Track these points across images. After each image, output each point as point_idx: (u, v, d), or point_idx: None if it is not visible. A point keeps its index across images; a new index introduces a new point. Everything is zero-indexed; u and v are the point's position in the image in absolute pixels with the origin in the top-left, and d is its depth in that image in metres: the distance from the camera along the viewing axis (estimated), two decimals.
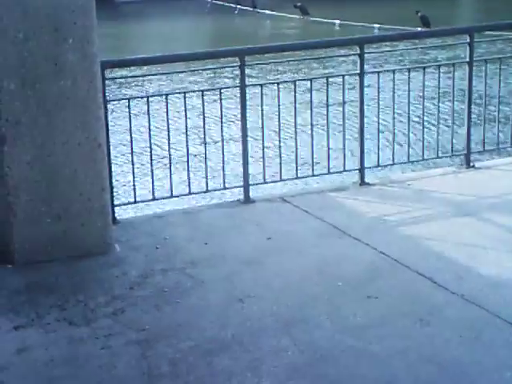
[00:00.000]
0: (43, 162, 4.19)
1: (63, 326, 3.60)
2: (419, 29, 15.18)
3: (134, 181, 5.10)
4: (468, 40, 5.57)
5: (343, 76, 5.63)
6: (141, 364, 3.27)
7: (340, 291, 3.85)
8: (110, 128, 4.74)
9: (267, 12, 20.84)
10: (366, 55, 5.32)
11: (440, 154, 5.95)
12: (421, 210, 4.93)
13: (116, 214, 4.82)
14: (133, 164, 5.10)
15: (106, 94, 4.66)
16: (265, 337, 3.44)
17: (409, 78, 5.59)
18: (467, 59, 5.59)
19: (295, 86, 5.47)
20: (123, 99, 5.75)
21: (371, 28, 17.44)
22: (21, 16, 4.03)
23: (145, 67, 6.05)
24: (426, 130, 5.83)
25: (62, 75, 4.14)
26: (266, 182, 5.51)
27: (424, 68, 5.86)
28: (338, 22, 18.82)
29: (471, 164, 5.73)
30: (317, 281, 3.98)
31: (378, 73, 5.71)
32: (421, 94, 5.72)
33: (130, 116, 5.03)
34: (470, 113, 5.68)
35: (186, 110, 5.09)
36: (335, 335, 3.44)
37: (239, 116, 5.15)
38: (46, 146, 4.18)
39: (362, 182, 5.44)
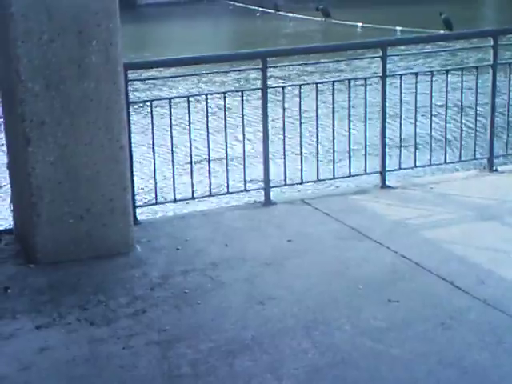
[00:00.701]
0: (66, 163, 4.23)
1: (84, 326, 3.62)
2: (442, 31, 15.10)
3: (155, 182, 5.13)
4: (492, 43, 5.54)
5: (365, 79, 5.63)
6: (161, 364, 3.28)
7: (361, 294, 3.84)
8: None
9: (289, 15, 20.84)
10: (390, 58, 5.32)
11: (462, 158, 5.92)
12: (442, 214, 4.90)
13: (137, 215, 4.86)
14: (154, 165, 5.12)
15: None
16: (285, 338, 3.44)
17: (431, 80, 5.56)
18: (491, 62, 5.56)
19: (317, 88, 5.47)
20: (146, 101, 5.77)
21: (393, 30, 17.38)
22: (45, 18, 4.07)
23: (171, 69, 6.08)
24: (448, 133, 5.79)
25: (86, 77, 4.17)
26: (286, 185, 5.52)
27: (447, 71, 5.83)
28: (360, 24, 18.79)
29: (494, 168, 5.69)
30: (337, 283, 3.97)
31: (401, 75, 5.69)
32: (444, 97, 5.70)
33: (151, 118, 5.06)
34: (493, 116, 5.65)
35: (207, 112, 5.11)
36: (356, 338, 3.43)
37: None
38: (69, 147, 4.22)
39: (384, 185, 5.43)
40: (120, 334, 3.54)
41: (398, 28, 17.55)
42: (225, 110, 5.17)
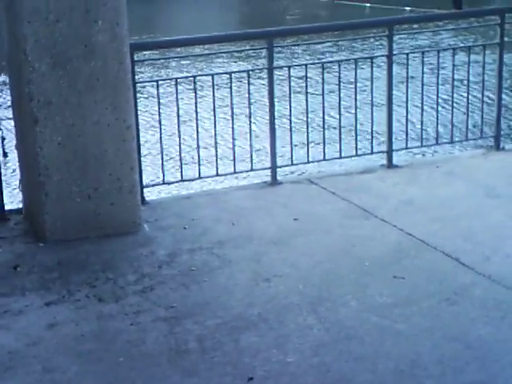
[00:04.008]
0: (74, 143, 4.26)
1: (93, 303, 3.67)
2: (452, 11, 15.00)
3: (162, 162, 5.15)
4: (499, 21, 5.52)
5: (371, 58, 5.63)
6: (169, 340, 3.32)
7: (366, 271, 3.87)
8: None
9: None
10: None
11: (469, 137, 5.91)
12: (449, 192, 4.91)
13: (144, 195, 4.89)
14: (161, 146, 5.15)
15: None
16: (291, 315, 3.48)
17: (438, 58, 5.55)
18: (498, 40, 5.55)
19: (323, 68, 5.48)
20: (152, 81, 5.78)
21: (402, 11, 17.30)
22: None
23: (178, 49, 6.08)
24: (454, 112, 5.79)
25: (93, 56, 4.19)
26: (293, 164, 5.54)
27: (454, 49, 5.82)
28: (368, 5, 18.71)
29: (501, 146, 5.69)
30: (343, 261, 4.00)
31: (407, 54, 5.68)
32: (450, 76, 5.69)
33: (158, 98, 5.07)
34: (500, 95, 5.64)
35: (213, 91, 5.12)
36: (361, 314, 3.46)
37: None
38: (76, 127, 4.25)
39: (390, 165, 5.44)
40: (128, 310, 3.58)
41: (407, 8, 17.46)
42: (231, 90, 5.18)
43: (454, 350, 3.16)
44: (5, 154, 7.55)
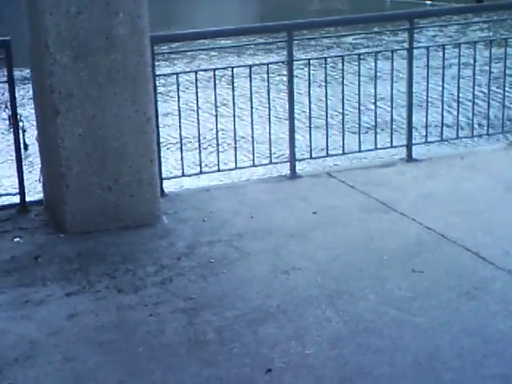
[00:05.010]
0: (94, 135, 4.29)
1: (113, 294, 3.69)
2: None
3: (181, 155, 5.17)
4: None
5: (392, 51, 5.60)
6: (187, 331, 3.34)
7: (385, 265, 3.86)
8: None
9: None
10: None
11: (490, 131, 5.87)
12: (469, 186, 4.88)
13: (164, 187, 4.91)
14: (181, 138, 5.17)
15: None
16: (309, 307, 3.48)
17: (459, 52, 5.52)
18: None
19: (343, 61, 5.46)
20: (172, 74, 5.79)
21: (423, 4, 17.20)
22: None
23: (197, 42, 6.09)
24: (475, 105, 5.75)
25: (113, 49, 4.21)
26: (312, 158, 5.54)
27: (475, 43, 5.77)
28: None
29: None
30: (362, 254, 3.99)
31: (428, 48, 5.65)
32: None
33: (178, 90, 5.09)
34: None
35: (233, 84, 5.13)
36: (379, 307, 3.46)
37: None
38: (97, 119, 4.27)
39: (410, 158, 5.42)
40: (147, 301, 3.60)
41: (428, 2, 17.35)
42: (250, 83, 5.18)
43: (473, 343, 3.15)
44: (25, 146, 7.63)
